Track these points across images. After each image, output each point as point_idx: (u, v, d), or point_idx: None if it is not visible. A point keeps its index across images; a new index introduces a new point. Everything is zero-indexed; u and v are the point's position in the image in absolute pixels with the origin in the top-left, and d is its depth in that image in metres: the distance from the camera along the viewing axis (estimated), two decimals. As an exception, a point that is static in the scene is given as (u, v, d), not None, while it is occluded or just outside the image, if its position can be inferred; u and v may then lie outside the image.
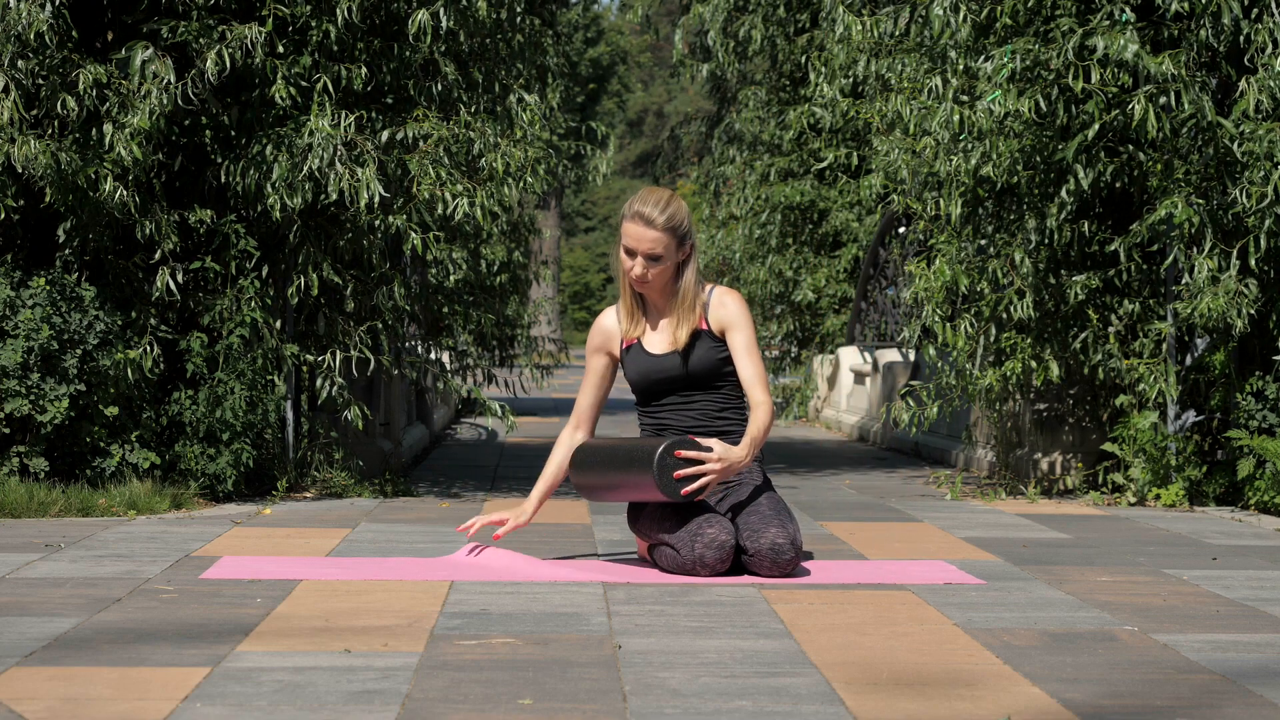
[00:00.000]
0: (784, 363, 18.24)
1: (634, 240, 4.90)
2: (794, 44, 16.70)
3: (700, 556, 4.70)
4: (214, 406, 6.89)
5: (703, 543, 4.71)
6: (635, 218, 4.91)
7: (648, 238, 4.88)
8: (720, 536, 4.71)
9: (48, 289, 6.59)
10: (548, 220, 38.07)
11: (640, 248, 4.89)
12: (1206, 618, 4.13)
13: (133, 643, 3.62)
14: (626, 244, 4.93)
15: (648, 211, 4.89)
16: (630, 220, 4.91)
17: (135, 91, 6.69)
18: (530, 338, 14.74)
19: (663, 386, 4.98)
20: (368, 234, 7.37)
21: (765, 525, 4.75)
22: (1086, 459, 8.07)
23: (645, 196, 4.95)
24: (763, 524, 4.76)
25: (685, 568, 4.74)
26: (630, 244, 4.91)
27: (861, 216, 16.65)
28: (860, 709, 3.04)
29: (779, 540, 4.71)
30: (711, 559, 4.70)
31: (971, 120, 7.42)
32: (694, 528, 4.73)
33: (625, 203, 5.01)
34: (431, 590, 4.45)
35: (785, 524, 4.76)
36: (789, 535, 4.73)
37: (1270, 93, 6.93)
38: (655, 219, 4.88)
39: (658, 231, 4.87)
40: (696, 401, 4.98)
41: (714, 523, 4.74)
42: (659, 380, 4.97)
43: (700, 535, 4.72)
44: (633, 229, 4.91)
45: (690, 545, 4.72)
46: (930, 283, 7.74)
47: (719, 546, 4.70)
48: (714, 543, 4.70)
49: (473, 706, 3.02)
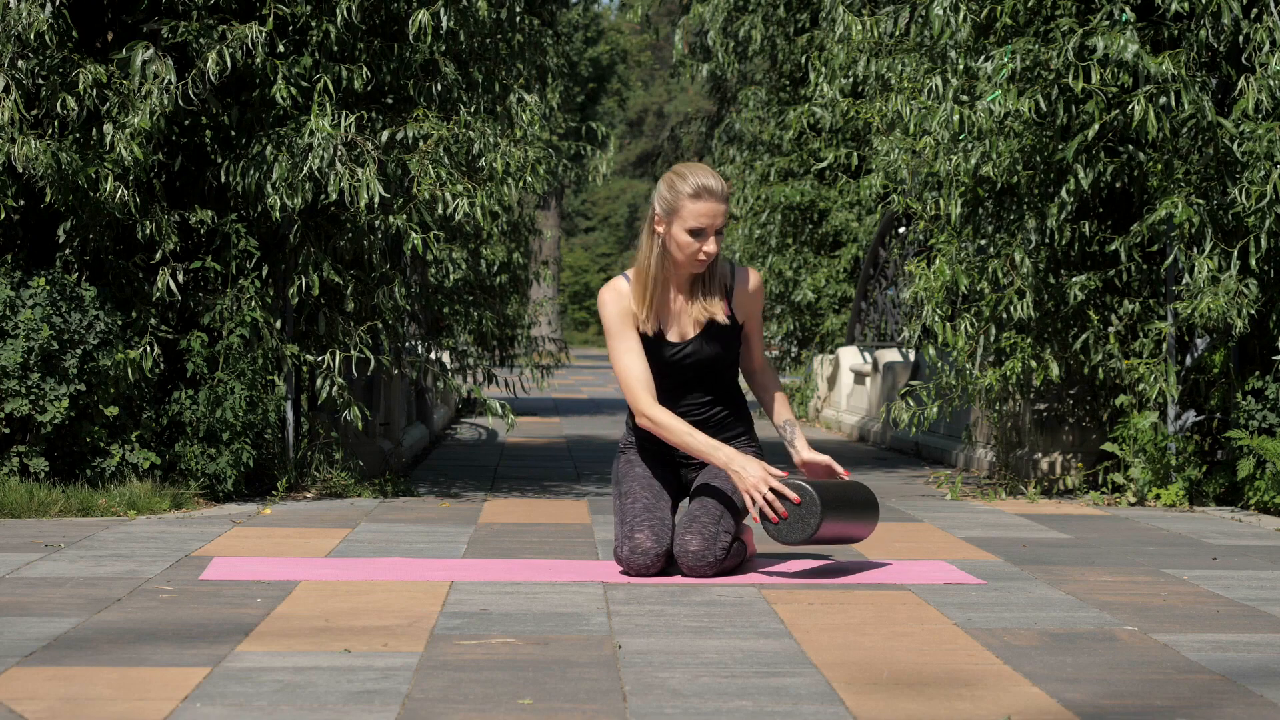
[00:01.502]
0: (784, 363, 18.24)
1: (708, 218, 4.72)
2: (794, 44, 16.70)
3: (626, 558, 4.72)
4: (214, 406, 6.89)
5: (630, 546, 4.71)
6: (704, 195, 4.71)
7: (720, 212, 4.73)
8: (646, 544, 4.70)
9: (48, 289, 6.59)
10: (548, 220, 38.08)
11: (715, 224, 4.72)
12: (1206, 618, 4.13)
13: (133, 643, 3.62)
14: (697, 225, 4.72)
15: (713, 185, 4.73)
16: (697, 199, 4.71)
17: (135, 91, 6.69)
18: (530, 338, 14.75)
19: (680, 376, 4.86)
20: (368, 234, 7.37)
21: (688, 531, 4.71)
22: (1086, 459, 8.07)
23: (698, 171, 4.75)
24: (686, 529, 4.72)
25: (618, 561, 4.77)
26: (703, 223, 4.72)
27: (861, 216, 16.66)
28: (860, 709, 3.04)
29: (693, 547, 4.68)
30: (636, 564, 4.71)
31: (971, 120, 7.42)
32: (628, 529, 4.73)
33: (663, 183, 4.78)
34: (431, 590, 4.45)
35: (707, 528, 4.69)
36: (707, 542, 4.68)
37: (1270, 92, 6.93)
38: (720, 191, 4.73)
39: (724, 203, 4.74)
40: (706, 390, 4.90)
41: (644, 528, 4.71)
42: (681, 368, 4.84)
43: (630, 538, 4.71)
44: (705, 207, 4.71)
45: (622, 544, 4.74)
46: (930, 283, 7.74)
47: (644, 553, 4.70)
48: (639, 549, 4.70)
49: (473, 706, 3.02)
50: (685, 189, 4.73)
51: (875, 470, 10.05)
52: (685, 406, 4.89)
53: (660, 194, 4.78)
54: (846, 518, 4.75)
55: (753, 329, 4.96)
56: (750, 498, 4.66)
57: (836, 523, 4.71)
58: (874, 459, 11.18)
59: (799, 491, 4.66)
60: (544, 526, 6.18)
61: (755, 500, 4.66)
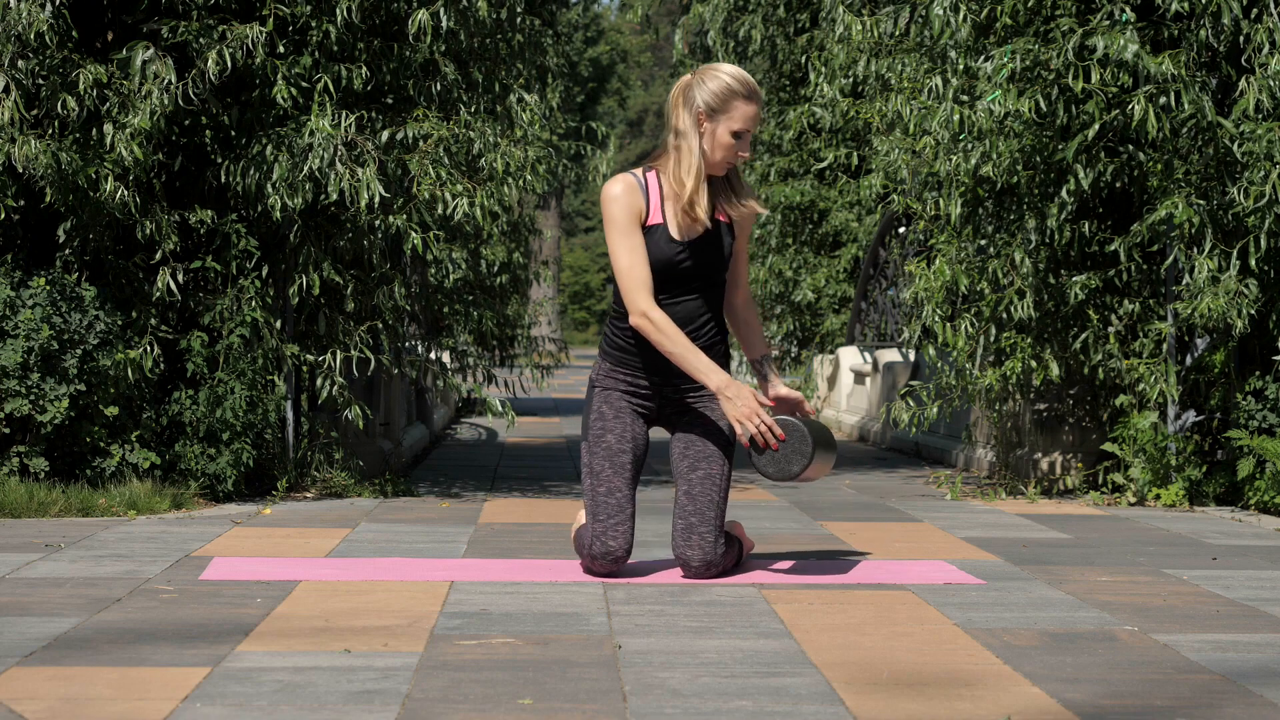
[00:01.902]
0: (784, 362, 18.23)
1: (751, 120, 4.66)
2: (794, 44, 16.69)
3: (592, 558, 4.71)
4: (214, 406, 6.89)
5: (598, 549, 4.69)
6: (754, 98, 4.65)
7: (758, 115, 4.68)
8: (617, 551, 4.68)
9: (48, 289, 6.59)
10: (548, 220, 38.08)
11: (754, 126, 4.68)
12: (1206, 618, 4.13)
13: (133, 643, 3.62)
14: (744, 126, 4.65)
15: (755, 86, 4.67)
16: (750, 101, 4.63)
17: (136, 91, 6.69)
18: (530, 338, 14.75)
19: (680, 275, 4.70)
20: (368, 234, 7.37)
21: (688, 537, 4.68)
22: (1086, 459, 8.07)
23: (735, 73, 4.67)
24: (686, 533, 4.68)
25: (581, 554, 4.76)
26: (747, 125, 4.65)
27: (861, 216, 16.65)
28: (860, 709, 3.04)
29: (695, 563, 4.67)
30: (599, 569, 4.71)
31: (971, 120, 7.42)
32: (599, 529, 4.70)
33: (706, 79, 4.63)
34: (431, 590, 4.45)
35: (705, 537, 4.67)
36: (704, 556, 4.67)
37: (1270, 92, 6.93)
38: (760, 93, 4.69)
39: (761, 105, 4.71)
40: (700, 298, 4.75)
41: (614, 534, 4.68)
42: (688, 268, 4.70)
43: (600, 540, 4.69)
44: (751, 109, 4.64)
45: (589, 545, 4.71)
46: (930, 283, 7.74)
47: (613, 561, 4.69)
48: (606, 554, 4.69)
49: (473, 706, 3.02)
50: (739, 89, 4.65)
51: (875, 470, 10.05)
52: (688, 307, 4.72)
53: (707, 89, 4.64)
54: (821, 460, 4.71)
55: (741, 248, 4.84)
56: (741, 425, 4.61)
57: (815, 464, 4.67)
58: (874, 459, 11.18)
59: (790, 429, 4.62)
60: (544, 526, 6.18)
61: (747, 429, 4.60)
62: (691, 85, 4.69)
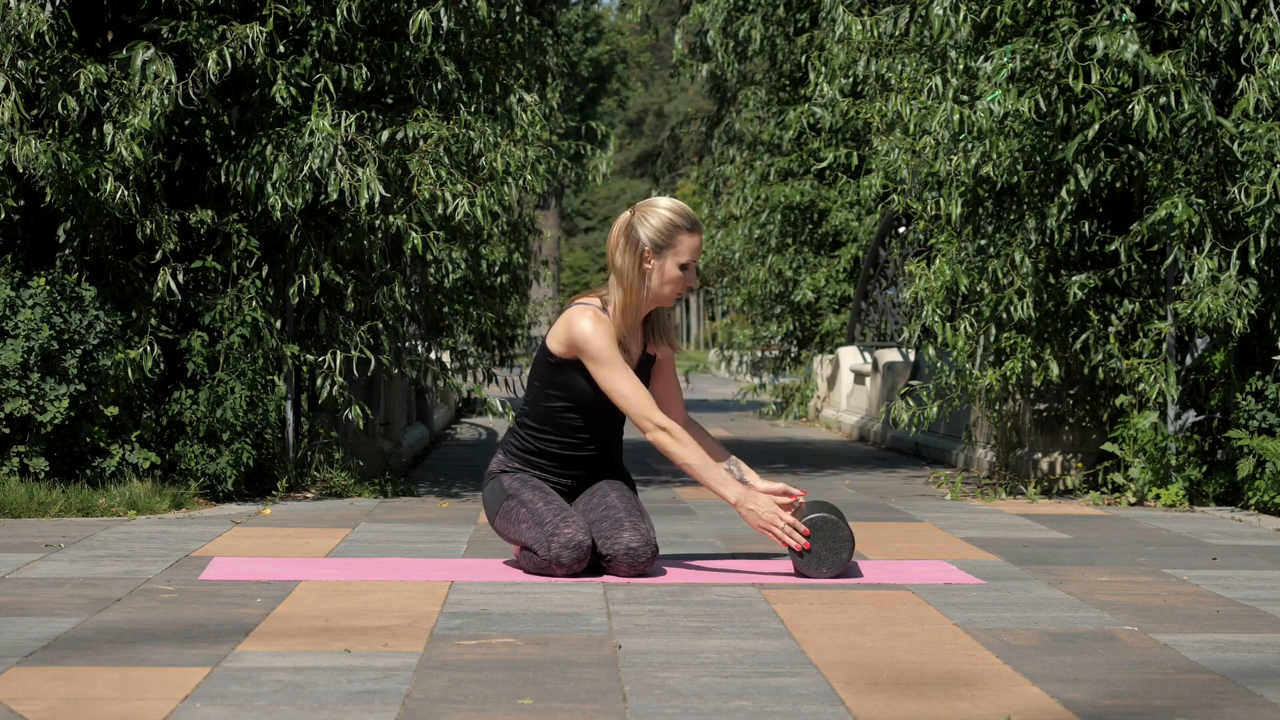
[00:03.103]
0: (784, 362, 18.24)
1: (696, 251, 4.75)
2: (794, 44, 16.70)
3: (556, 556, 4.67)
4: (214, 406, 6.89)
5: (559, 543, 4.67)
6: (695, 228, 4.73)
7: (700, 244, 4.78)
8: (576, 536, 4.66)
9: (48, 289, 6.59)
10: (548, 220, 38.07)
11: (699, 256, 4.77)
12: (1206, 618, 4.13)
13: (133, 643, 3.62)
14: (689, 258, 4.74)
15: (695, 217, 4.76)
16: (690, 232, 4.72)
17: (135, 91, 6.69)
18: (530, 338, 14.76)
19: (610, 405, 4.80)
20: (368, 234, 7.37)
21: (618, 530, 4.70)
22: (1086, 459, 8.07)
23: (675, 206, 4.75)
24: (615, 529, 4.71)
25: (543, 568, 4.70)
26: (693, 256, 4.74)
27: (861, 216, 16.66)
28: (860, 709, 3.04)
29: (633, 544, 4.68)
30: (568, 559, 4.66)
31: (971, 120, 7.42)
32: (550, 528, 4.69)
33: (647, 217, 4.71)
34: (431, 590, 4.45)
35: (639, 525, 4.72)
36: (643, 537, 4.70)
37: (1270, 92, 6.93)
38: (700, 223, 4.77)
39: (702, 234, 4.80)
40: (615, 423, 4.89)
41: (570, 522, 4.68)
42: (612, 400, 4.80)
43: (557, 535, 4.67)
44: (695, 240, 4.74)
45: (547, 545, 4.68)
46: (930, 283, 7.74)
47: (575, 546, 4.66)
48: (570, 543, 4.66)
49: (473, 706, 3.02)
50: (681, 223, 4.72)
51: (875, 470, 10.05)
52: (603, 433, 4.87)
53: (649, 226, 4.72)
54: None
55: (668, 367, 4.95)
56: (771, 533, 4.70)
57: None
58: (874, 459, 11.18)
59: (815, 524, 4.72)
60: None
61: (775, 533, 4.69)
62: (633, 224, 4.74)
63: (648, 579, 4.69)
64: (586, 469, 4.92)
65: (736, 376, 20.48)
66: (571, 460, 4.89)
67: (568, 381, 4.80)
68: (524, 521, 4.75)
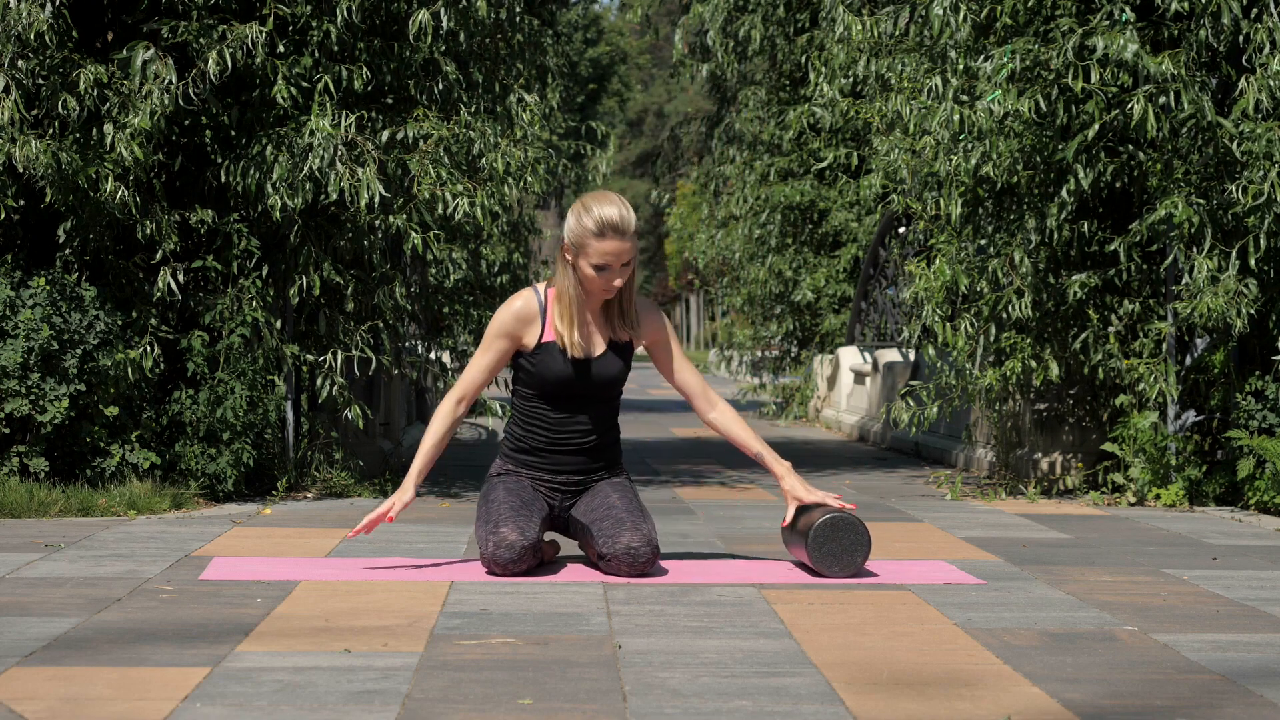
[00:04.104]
0: (784, 362, 18.24)
1: (613, 256, 4.66)
2: (794, 44, 16.70)
3: (493, 555, 4.66)
4: (214, 406, 6.89)
5: (494, 542, 4.66)
6: (608, 233, 4.63)
7: (626, 249, 4.67)
8: (511, 537, 4.64)
9: (48, 289, 6.59)
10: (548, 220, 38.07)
11: (620, 261, 4.67)
12: (1206, 618, 4.13)
13: (133, 643, 3.62)
14: (602, 261, 4.66)
15: (618, 221, 4.63)
16: (602, 237, 4.64)
17: (136, 91, 6.69)
18: (530, 338, 14.72)
19: (575, 392, 4.82)
20: (368, 234, 7.37)
21: (619, 529, 4.70)
22: (1086, 459, 8.07)
23: (605, 203, 4.66)
24: (617, 528, 4.71)
25: (487, 566, 4.71)
26: (608, 260, 4.66)
27: (861, 216, 16.66)
28: (860, 709, 3.04)
29: (634, 544, 4.68)
30: (503, 559, 4.65)
31: (971, 120, 7.42)
32: (492, 525, 4.69)
33: (572, 213, 4.71)
34: (431, 590, 4.45)
35: (640, 525, 4.71)
36: (644, 536, 4.69)
37: (1270, 92, 6.93)
38: (627, 226, 4.65)
39: (631, 239, 4.68)
40: (597, 411, 4.87)
41: (510, 523, 4.67)
42: (580, 386, 4.81)
43: (495, 534, 4.67)
44: (610, 245, 4.65)
45: (485, 542, 4.69)
46: (930, 283, 7.74)
47: (509, 547, 4.64)
48: (504, 543, 4.64)
49: (473, 706, 3.02)
50: (590, 225, 4.64)
51: (875, 470, 10.05)
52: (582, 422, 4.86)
53: (568, 226, 4.70)
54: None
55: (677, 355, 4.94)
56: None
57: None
58: (874, 459, 11.18)
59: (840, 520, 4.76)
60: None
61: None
62: (568, 216, 4.74)
63: (648, 579, 4.69)
64: (577, 462, 4.90)
65: (737, 376, 20.48)
66: (557, 452, 4.88)
67: (523, 368, 4.86)
68: (478, 520, 4.80)
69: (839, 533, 4.74)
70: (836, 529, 4.74)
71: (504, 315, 4.82)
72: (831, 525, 4.74)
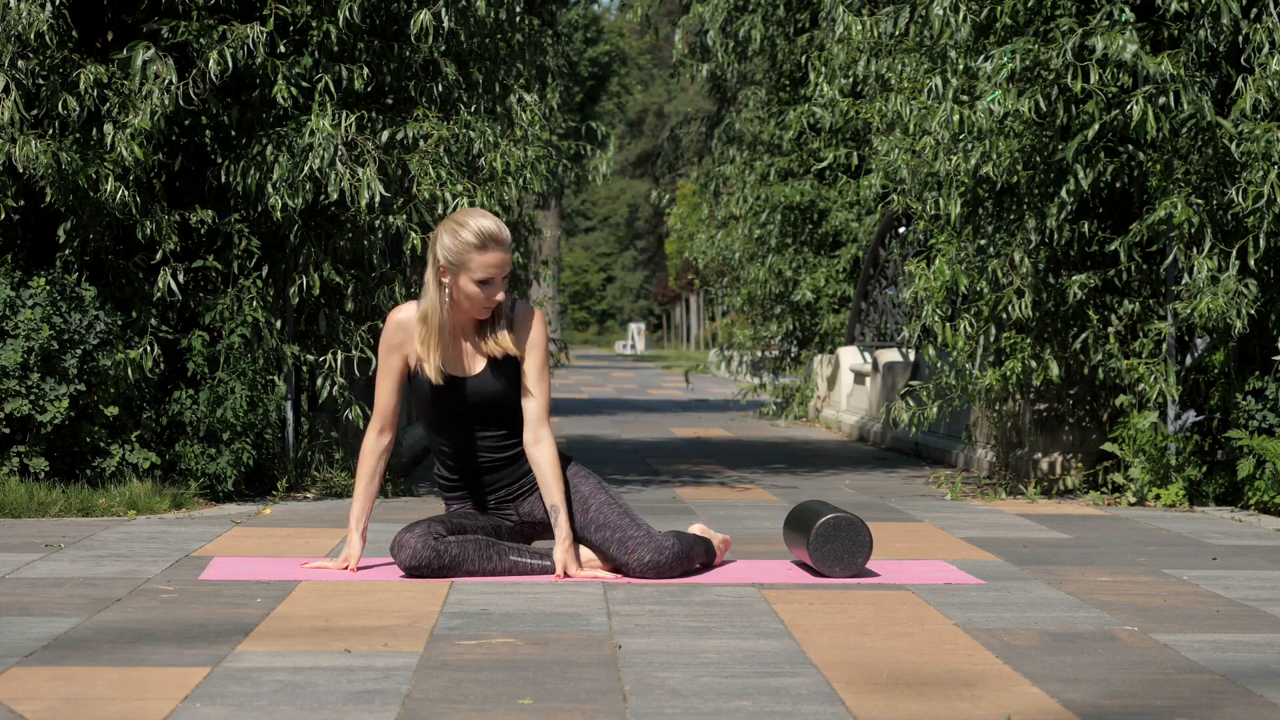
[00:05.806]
0: (784, 362, 18.23)
1: (496, 268, 4.60)
2: (794, 44, 16.69)
3: (396, 556, 4.67)
4: (214, 406, 6.89)
5: (397, 544, 4.66)
6: (490, 245, 4.58)
7: (507, 260, 4.62)
8: (403, 537, 4.64)
9: (48, 289, 6.59)
10: (548, 220, 38.08)
11: (502, 273, 4.62)
12: (1206, 618, 4.13)
13: (133, 643, 3.62)
14: (485, 276, 4.60)
15: (498, 233, 4.60)
16: (484, 251, 4.58)
17: (136, 91, 6.69)
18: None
19: (460, 415, 4.75)
20: (368, 234, 7.37)
21: (636, 548, 4.68)
22: (1086, 459, 8.07)
23: (480, 219, 4.62)
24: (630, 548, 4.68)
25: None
26: (491, 274, 4.60)
27: (861, 216, 16.65)
28: (860, 709, 3.04)
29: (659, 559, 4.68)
30: (401, 561, 4.66)
31: (971, 120, 7.42)
32: (407, 528, 4.68)
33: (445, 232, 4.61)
34: (431, 590, 4.45)
35: (648, 540, 4.69)
36: (656, 546, 4.68)
37: (1269, 92, 6.93)
38: (506, 238, 4.62)
39: (510, 251, 4.64)
40: (500, 425, 4.77)
41: (416, 528, 4.65)
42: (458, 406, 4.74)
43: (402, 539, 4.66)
44: (493, 257, 4.59)
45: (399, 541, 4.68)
46: (930, 283, 7.74)
47: (400, 547, 4.63)
48: (395, 543, 4.66)
49: (473, 706, 3.02)
50: (470, 240, 4.59)
51: (875, 470, 10.05)
52: (483, 441, 4.78)
53: (443, 245, 4.62)
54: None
55: (531, 370, 4.75)
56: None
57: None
58: (874, 459, 11.18)
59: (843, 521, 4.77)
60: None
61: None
62: (437, 237, 4.66)
63: (648, 580, 4.70)
64: (499, 478, 4.82)
65: (736, 376, 20.47)
66: (476, 474, 4.81)
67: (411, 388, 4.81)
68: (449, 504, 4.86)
69: (841, 533, 4.74)
70: (838, 529, 4.74)
71: (388, 329, 4.76)
72: (833, 525, 4.74)
